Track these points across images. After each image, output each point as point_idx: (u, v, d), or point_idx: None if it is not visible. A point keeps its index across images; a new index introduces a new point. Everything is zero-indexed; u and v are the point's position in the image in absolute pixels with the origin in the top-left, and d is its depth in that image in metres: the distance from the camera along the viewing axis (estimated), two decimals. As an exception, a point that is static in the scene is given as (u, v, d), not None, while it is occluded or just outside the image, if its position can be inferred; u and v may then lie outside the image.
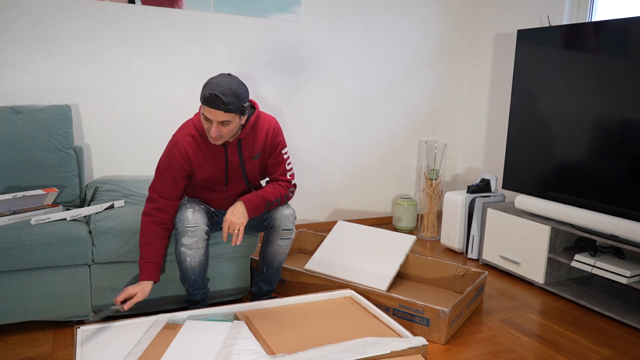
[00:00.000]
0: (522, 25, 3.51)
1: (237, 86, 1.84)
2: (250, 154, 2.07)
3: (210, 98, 1.80)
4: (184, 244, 2.00)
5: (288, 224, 2.14)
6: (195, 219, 1.99)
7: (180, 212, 2.03)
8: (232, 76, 1.88)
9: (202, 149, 2.00)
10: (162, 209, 2.01)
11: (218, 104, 1.80)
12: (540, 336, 2.22)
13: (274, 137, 2.08)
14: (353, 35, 3.54)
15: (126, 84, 2.92)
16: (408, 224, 3.75)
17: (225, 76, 1.86)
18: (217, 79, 1.84)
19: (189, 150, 1.98)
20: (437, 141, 4.04)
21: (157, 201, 2.00)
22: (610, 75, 2.44)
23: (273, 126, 2.08)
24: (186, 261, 2.02)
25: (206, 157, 2.01)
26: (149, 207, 2.01)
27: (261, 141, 2.07)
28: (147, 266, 1.98)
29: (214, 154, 2.02)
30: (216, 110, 1.81)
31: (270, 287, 2.29)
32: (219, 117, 1.83)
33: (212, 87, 1.81)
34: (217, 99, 1.79)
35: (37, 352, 1.94)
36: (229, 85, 1.82)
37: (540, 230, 2.73)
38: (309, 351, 1.69)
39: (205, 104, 1.82)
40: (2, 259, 1.93)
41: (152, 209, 2.01)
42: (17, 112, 2.43)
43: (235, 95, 1.82)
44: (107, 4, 2.80)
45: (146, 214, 2.01)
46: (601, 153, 2.51)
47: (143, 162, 3.04)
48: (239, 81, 1.88)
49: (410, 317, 2.15)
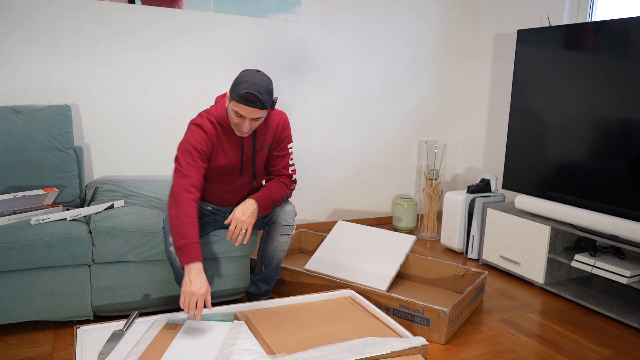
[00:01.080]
0: (522, 25, 3.51)
1: (268, 83, 1.88)
2: (261, 145, 2.10)
3: (248, 97, 1.82)
4: (172, 242, 1.99)
5: (289, 220, 2.15)
6: None
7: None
8: (260, 72, 1.91)
9: (220, 137, 2.02)
10: (196, 186, 1.89)
11: (256, 103, 1.83)
12: (540, 336, 2.22)
13: (283, 130, 2.12)
14: (353, 35, 3.54)
15: (126, 83, 2.92)
16: (408, 224, 3.75)
17: (256, 73, 1.89)
18: (250, 77, 1.85)
19: (212, 132, 1.99)
20: (437, 141, 4.04)
21: (190, 177, 1.88)
22: (610, 75, 2.44)
23: (284, 120, 2.12)
24: (177, 261, 2.02)
25: (223, 145, 2.03)
26: (185, 182, 1.87)
27: (272, 133, 2.10)
28: (194, 246, 1.80)
29: (231, 143, 2.04)
30: (253, 109, 1.85)
31: (269, 287, 2.29)
32: (254, 115, 1.87)
33: (249, 86, 1.83)
34: (254, 97, 1.82)
35: (37, 352, 1.94)
36: (262, 83, 1.85)
37: (540, 230, 2.73)
38: (309, 351, 1.69)
39: (242, 102, 1.84)
40: (2, 259, 1.93)
41: (190, 184, 1.87)
42: (17, 112, 2.43)
43: (269, 93, 1.87)
44: (107, 4, 2.80)
45: (185, 190, 1.85)
46: (601, 153, 2.51)
47: (143, 162, 3.04)
48: (267, 77, 1.91)
49: (410, 317, 2.15)
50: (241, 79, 1.86)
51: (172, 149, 3.11)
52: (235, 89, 1.85)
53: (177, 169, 1.91)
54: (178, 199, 1.83)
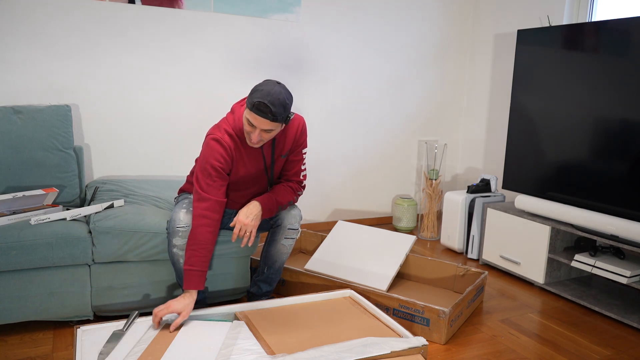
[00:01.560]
0: (522, 25, 3.51)
1: (285, 97, 1.84)
2: (280, 152, 2.09)
3: (259, 106, 1.79)
4: (175, 244, 2.01)
5: (294, 224, 2.15)
6: (186, 219, 2.00)
7: (174, 211, 2.04)
8: (281, 85, 1.87)
9: (239, 149, 1.99)
10: (214, 209, 1.93)
11: (266, 113, 1.80)
12: (540, 336, 2.22)
13: (301, 136, 2.10)
14: (353, 35, 3.54)
15: (126, 83, 2.92)
16: (408, 224, 3.75)
17: (275, 84, 1.85)
18: (267, 87, 1.83)
19: (232, 147, 1.97)
20: (437, 141, 4.03)
21: (209, 200, 1.92)
22: (610, 75, 2.44)
23: (302, 125, 2.10)
24: (179, 262, 2.03)
25: (243, 156, 2.01)
26: (202, 207, 1.91)
27: (291, 139, 2.08)
28: (194, 274, 1.89)
29: (250, 153, 2.02)
30: (263, 119, 1.82)
31: (270, 288, 2.29)
32: (264, 126, 1.83)
33: (262, 96, 1.80)
34: (266, 107, 1.79)
35: (37, 352, 1.94)
36: (278, 95, 1.81)
37: (540, 230, 2.73)
38: (309, 351, 1.69)
39: (253, 111, 1.81)
40: (2, 259, 1.93)
41: (206, 209, 1.91)
42: (17, 112, 2.43)
43: (283, 106, 1.83)
44: (107, 4, 2.80)
45: (200, 215, 1.91)
46: (601, 153, 2.51)
47: (143, 162, 3.04)
48: (287, 90, 1.87)
49: (410, 317, 2.15)
50: (258, 87, 1.84)
51: (172, 149, 3.11)
52: (250, 96, 1.84)
53: (197, 190, 1.93)
54: (194, 225, 1.91)
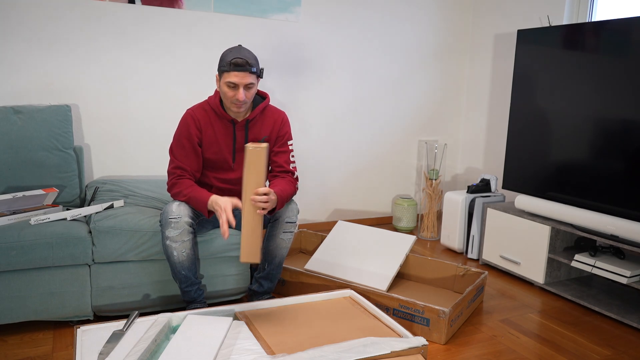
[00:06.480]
0: (522, 25, 3.51)
1: (253, 53, 2.05)
2: (256, 137, 2.18)
3: (237, 62, 1.96)
4: (168, 236, 2.00)
5: (292, 217, 2.17)
6: (178, 210, 2.01)
7: (166, 204, 2.09)
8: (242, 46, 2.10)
9: (212, 124, 2.14)
10: (188, 175, 2.11)
11: (246, 67, 1.97)
12: (540, 336, 2.22)
13: (282, 126, 2.22)
14: (353, 35, 3.54)
15: (126, 83, 2.92)
16: (408, 224, 3.75)
17: (239, 46, 2.04)
18: (234, 49, 2.01)
19: (201, 120, 2.12)
20: (437, 141, 4.04)
21: (183, 168, 2.10)
22: (610, 75, 2.44)
23: (282, 117, 2.24)
24: (173, 255, 2.02)
25: (215, 132, 2.13)
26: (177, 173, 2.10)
27: (268, 127, 2.19)
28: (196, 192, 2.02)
29: (223, 131, 2.14)
30: (244, 73, 1.98)
31: (272, 284, 2.29)
32: (246, 80, 1.98)
33: (236, 54, 1.98)
34: (243, 61, 1.97)
35: (37, 352, 1.94)
36: (247, 52, 2.02)
37: (540, 230, 2.73)
38: (309, 351, 1.69)
39: (232, 70, 1.97)
40: (2, 259, 1.93)
41: (177, 177, 2.09)
42: (17, 112, 2.44)
43: (255, 60, 2.03)
44: (107, 4, 2.80)
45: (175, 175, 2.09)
46: (601, 153, 2.51)
47: (143, 162, 3.04)
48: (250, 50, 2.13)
49: (410, 317, 2.15)
50: (226, 51, 2.02)
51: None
52: (222, 62, 2.00)
53: (172, 160, 2.12)
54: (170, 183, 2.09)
